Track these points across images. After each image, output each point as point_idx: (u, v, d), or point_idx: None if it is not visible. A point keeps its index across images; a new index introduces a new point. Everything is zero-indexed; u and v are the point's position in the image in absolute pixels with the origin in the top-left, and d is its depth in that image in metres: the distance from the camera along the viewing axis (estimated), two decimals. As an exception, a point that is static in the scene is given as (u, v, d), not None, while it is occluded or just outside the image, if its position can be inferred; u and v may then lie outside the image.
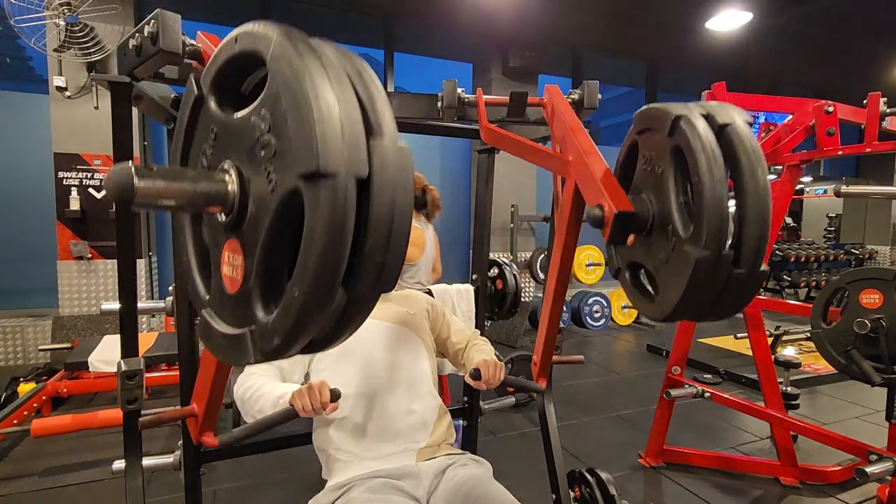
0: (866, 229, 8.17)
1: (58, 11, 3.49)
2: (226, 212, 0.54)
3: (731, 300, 0.79)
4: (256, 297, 0.52)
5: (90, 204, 4.08)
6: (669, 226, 0.83)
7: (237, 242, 0.54)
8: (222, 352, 0.56)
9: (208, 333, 0.59)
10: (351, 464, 1.25)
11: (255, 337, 0.51)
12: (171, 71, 1.14)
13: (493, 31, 5.37)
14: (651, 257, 0.89)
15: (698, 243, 0.74)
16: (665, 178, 0.84)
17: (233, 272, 0.55)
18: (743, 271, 0.75)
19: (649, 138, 0.91)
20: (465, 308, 1.85)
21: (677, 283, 0.78)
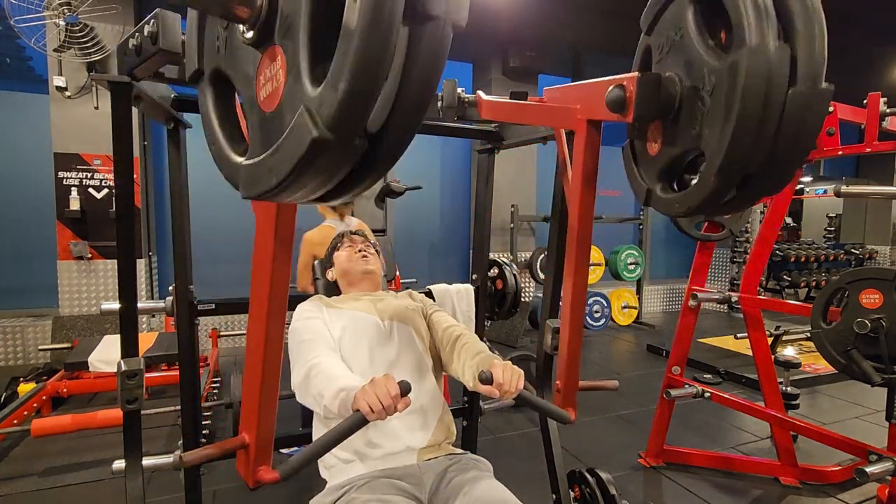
0: (866, 229, 8.17)
1: (58, 11, 3.49)
2: (253, 18, 0.53)
3: (791, 132, 0.67)
4: (305, 76, 0.48)
5: (90, 204, 4.08)
6: (700, 88, 0.74)
7: (273, 49, 0.53)
8: (278, 165, 0.51)
9: (254, 171, 0.55)
10: (352, 464, 1.24)
11: (312, 111, 0.46)
12: (171, 71, 1.14)
13: (493, 31, 5.36)
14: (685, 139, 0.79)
15: (742, 41, 0.65)
16: (687, 31, 0.78)
17: (273, 84, 0.53)
18: (802, 90, 0.65)
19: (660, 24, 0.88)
20: (465, 308, 1.84)
21: (730, 108, 0.67)
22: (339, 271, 1.57)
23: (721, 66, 0.71)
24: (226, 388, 3.50)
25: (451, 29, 0.49)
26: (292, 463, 0.92)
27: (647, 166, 0.94)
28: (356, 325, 1.35)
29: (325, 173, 0.51)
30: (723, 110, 0.69)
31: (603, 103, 0.85)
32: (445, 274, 5.93)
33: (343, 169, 0.51)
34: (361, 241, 1.60)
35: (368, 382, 0.97)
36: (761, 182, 0.73)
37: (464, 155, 5.94)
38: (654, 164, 0.91)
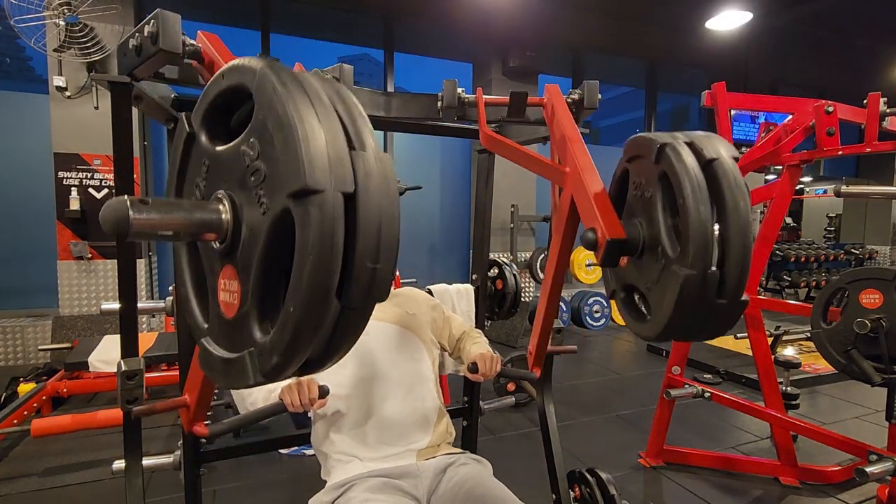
0: (866, 229, 8.17)
1: (58, 11, 3.49)
2: (220, 239, 0.56)
3: (715, 324, 0.84)
4: (253, 319, 0.53)
5: (90, 204, 4.08)
6: (659, 247, 0.87)
7: (232, 269, 0.56)
8: (223, 377, 0.58)
9: (208, 361, 0.60)
10: (351, 464, 1.24)
11: (254, 358, 0.52)
12: (171, 71, 1.14)
13: (493, 31, 5.37)
14: (643, 278, 0.93)
15: (685, 263, 0.79)
16: (654, 202, 0.89)
17: (229, 297, 0.57)
18: (725, 301, 0.79)
19: (638, 165, 0.95)
20: (465, 308, 1.85)
21: (667, 301, 0.82)
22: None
23: (669, 271, 0.83)
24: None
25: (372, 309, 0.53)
26: (220, 426, 1.16)
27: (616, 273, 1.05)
28: None
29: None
30: (664, 296, 0.83)
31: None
32: (445, 274, 5.93)
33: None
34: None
35: (295, 381, 1.14)
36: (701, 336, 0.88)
37: (464, 155, 5.94)
38: (621, 276, 1.03)
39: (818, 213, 8.95)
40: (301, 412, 1.15)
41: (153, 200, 0.50)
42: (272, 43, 4.99)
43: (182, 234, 0.54)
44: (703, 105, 2.43)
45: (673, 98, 11.23)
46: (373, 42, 5.60)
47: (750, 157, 2.43)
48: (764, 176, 6.57)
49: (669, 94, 7.54)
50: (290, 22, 5.21)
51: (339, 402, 1.29)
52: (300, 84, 0.50)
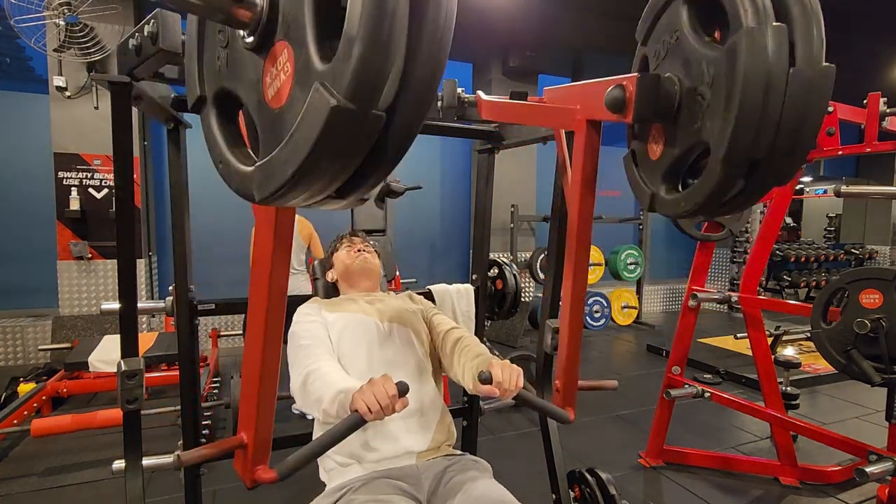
0: (866, 229, 8.17)
1: (58, 11, 3.49)
2: (254, 22, 0.54)
3: (796, 110, 0.67)
4: (313, 58, 0.49)
5: (90, 204, 4.08)
6: (700, 87, 0.74)
7: (275, 47, 0.53)
8: (295, 149, 0.50)
9: (270, 172, 0.54)
10: (351, 466, 1.24)
11: (327, 84, 0.46)
12: (171, 71, 1.14)
13: (492, 31, 5.36)
14: (687, 139, 0.80)
15: (738, 24, 0.66)
16: (683, 39, 0.79)
17: (280, 79, 0.54)
18: (802, 70, 0.65)
19: (657, 31, 0.88)
20: (465, 308, 1.84)
21: (731, 95, 0.67)
22: (339, 271, 1.57)
23: (719, 54, 0.71)
24: (226, 388, 3.50)
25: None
26: (290, 462, 0.92)
27: (650, 171, 0.93)
28: (355, 327, 1.35)
29: (344, 155, 0.50)
30: (724, 97, 0.69)
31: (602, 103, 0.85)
32: (445, 274, 5.93)
33: (362, 148, 0.50)
34: (361, 242, 1.60)
35: (367, 383, 0.97)
36: (768, 170, 0.71)
37: (464, 155, 5.94)
38: (657, 168, 0.90)
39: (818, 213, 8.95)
40: (382, 418, 0.95)
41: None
42: (272, 43, 4.98)
43: (214, 8, 0.52)
44: (703, 105, 2.43)
45: (673, 98, 11.21)
46: (373, 42, 5.59)
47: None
48: (764, 176, 6.56)
49: (669, 94, 7.53)
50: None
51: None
52: None
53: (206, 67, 0.68)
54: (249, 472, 0.98)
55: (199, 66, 0.69)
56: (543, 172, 5.86)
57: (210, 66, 0.68)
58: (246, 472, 0.98)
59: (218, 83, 0.67)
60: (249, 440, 0.98)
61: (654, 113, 0.80)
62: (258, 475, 0.97)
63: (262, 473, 0.97)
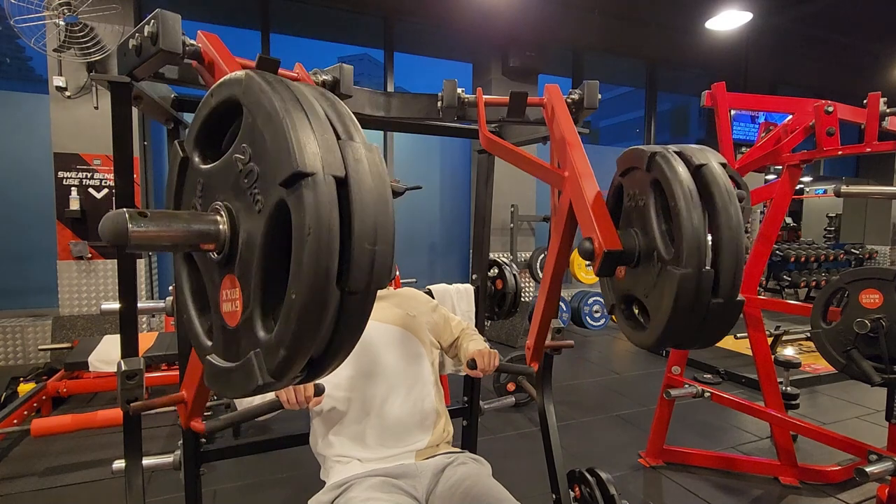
0: (866, 229, 8.17)
1: (58, 11, 3.48)
2: (218, 249, 0.57)
3: (712, 327, 0.87)
4: (257, 320, 0.53)
5: (90, 204, 4.08)
6: (655, 253, 0.91)
7: (233, 277, 0.57)
8: (231, 386, 0.58)
9: (214, 375, 0.61)
10: (350, 465, 1.24)
11: (261, 357, 0.52)
12: (171, 71, 1.14)
13: (492, 31, 5.37)
14: (640, 286, 0.96)
15: (679, 263, 0.82)
16: (647, 209, 0.93)
17: (232, 306, 0.57)
18: (721, 300, 0.82)
19: (632, 177, 0.99)
20: (465, 308, 1.85)
21: (665, 304, 0.85)
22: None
23: (665, 273, 0.86)
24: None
25: (374, 295, 0.54)
26: (216, 422, 1.18)
27: (615, 284, 1.08)
28: None
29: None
30: (662, 298, 0.86)
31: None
32: (445, 274, 5.93)
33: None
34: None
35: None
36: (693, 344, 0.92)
37: (464, 155, 5.94)
38: (619, 288, 1.06)
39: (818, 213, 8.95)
40: (297, 409, 1.15)
41: (151, 213, 0.50)
42: (272, 43, 4.99)
43: (181, 246, 0.55)
44: (703, 105, 2.43)
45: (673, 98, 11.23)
46: (373, 42, 5.60)
47: (750, 157, 2.43)
48: (764, 176, 6.57)
49: (669, 94, 7.54)
50: (290, 22, 5.20)
51: (338, 403, 1.29)
52: (286, 85, 0.52)
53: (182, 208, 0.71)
54: (186, 422, 1.22)
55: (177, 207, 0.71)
56: (543, 172, 5.85)
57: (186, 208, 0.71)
58: (184, 421, 1.23)
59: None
60: (190, 397, 1.18)
61: (614, 269, 0.96)
62: (192, 425, 1.21)
63: (196, 424, 1.20)
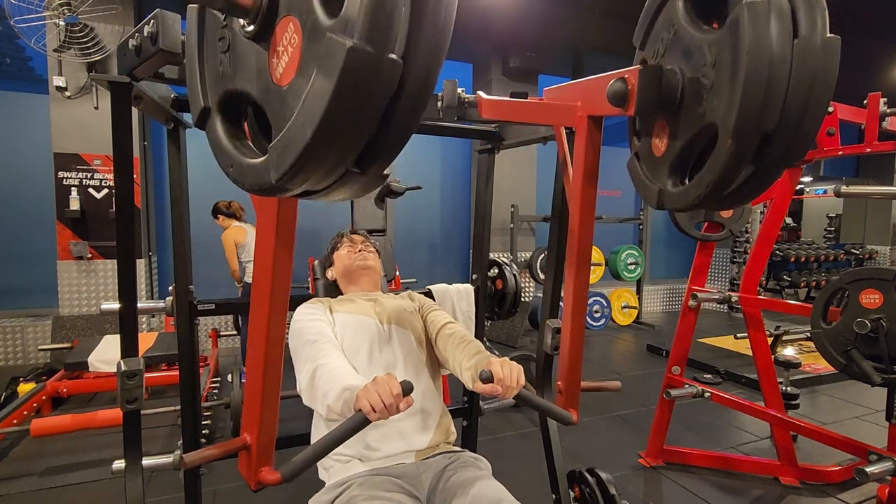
0: (866, 229, 8.17)
1: (58, 11, 3.48)
2: (255, 6, 0.55)
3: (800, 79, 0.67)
4: (321, 15, 0.49)
5: (90, 204, 4.08)
6: (700, 81, 0.74)
7: (280, 25, 0.54)
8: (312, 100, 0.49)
9: (287, 144, 0.53)
10: (350, 464, 1.24)
11: (339, 33, 0.47)
12: (171, 71, 1.14)
13: (493, 31, 5.36)
14: (690, 124, 0.78)
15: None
16: (681, 30, 0.79)
17: (289, 52, 0.54)
18: (807, 38, 0.65)
19: (654, 36, 0.88)
20: (465, 308, 1.84)
21: (734, 78, 0.67)
22: (339, 270, 1.57)
23: (720, 35, 0.71)
24: (225, 387, 3.50)
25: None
26: (294, 464, 0.91)
27: (655, 168, 0.92)
28: (355, 327, 1.35)
29: (363, 107, 0.48)
30: (728, 72, 0.68)
31: (604, 98, 0.84)
32: (445, 274, 5.93)
33: (381, 98, 0.49)
34: (361, 241, 1.60)
35: (371, 381, 0.97)
36: (779, 145, 0.70)
37: (464, 155, 5.94)
38: (663, 163, 0.88)
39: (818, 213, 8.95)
40: (387, 417, 0.94)
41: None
42: (272, 43, 4.98)
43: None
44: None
45: (673, 98, 11.21)
46: (373, 42, 5.59)
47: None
48: (764, 176, 6.56)
49: (669, 94, 7.53)
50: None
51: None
52: None
53: (208, 78, 0.69)
54: (254, 474, 0.97)
55: (202, 78, 0.70)
56: (543, 172, 5.86)
57: (212, 76, 0.68)
58: (250, 474, 0.98)
59: (222, 88, 0.67)
60: (253, 441, 0.97)
61: (657, 104, 0.80)
62: (262, 477, 0.96)
63: (267, 475, 0.96)
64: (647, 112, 0.82)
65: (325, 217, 4.80)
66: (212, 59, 0.68)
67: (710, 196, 0.77)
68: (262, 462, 0.98)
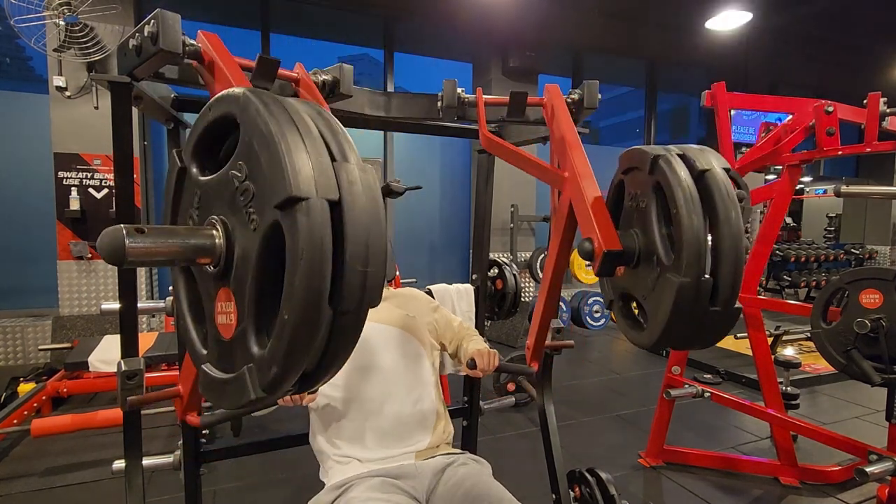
0: (866, 229, 8.17)
1: (58, 11, 3.48)
2: (214, 263, 0.58)
3: (709, 332, 0.87)
4: (251, 335, 0.55)
5: (90, 204, 4.08)
6: (654, 256, 0.90)
7: (228, 290, 0.58)
8: (224, 398, 0.59)
9: (209, 385, 0.61)
10: (350, 465, 1.24)
11: (253, 372, 0.53)
12: (171, 71, 1.13)
13: (492, 31, 5.36)
14: (639, 287, 0.96)
15: (679, 270, 0.82)
16: (649, 212, 0.92)
17: (226, 319, 0.58)
18: (718, 308, 0.81)
19: (633, 177, 0.99)
20: (465, 308, 1.85)
21: (663, 309, 0.85)
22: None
23: (664, 279, 0.86)
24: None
25: (366, 313, 0.55)
26: (212, 416, 1.21)
27: (614, 282, 1.08)
28: None
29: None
30: (660, 303, 0.86)
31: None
32: (445, 274, 5.93)
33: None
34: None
35: None
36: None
37: (464, 155, 5.94)
38: (617, 285, 1.05)
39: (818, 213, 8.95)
40: (291, 405, 1.15)
41: (148, 228, 0.52)
42: (272, 43, 4.99)
43: (178, 260, 0.56)
44: (704, 105, 2.43)
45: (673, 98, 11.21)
46: (373, 42, 5.60)
47: (750, 157, 2.43)
48: (764, 176, 6.57)
49: (669, 94, 7.53)
50: (290, 22, 5.20)
51: (336, 403, 1.29)
52: (282, 105, 0.53)
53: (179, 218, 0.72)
54: (182, 415, 1.24)
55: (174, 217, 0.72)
56: (543, 172, 5.85)
57: (183, 220, 0.71)
58: (180, 414, 1.25)
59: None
60: (186, 391, 1.19)
61: (614, 269, 0.96)
62: (188, 419, 1.23)
63: (191, 418, 1.22)
64: (608, 275, 1.00)
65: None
66: (185, 212, 0.70)
67: (659, 347, 0.94)
68: (190, 408, 1.22)
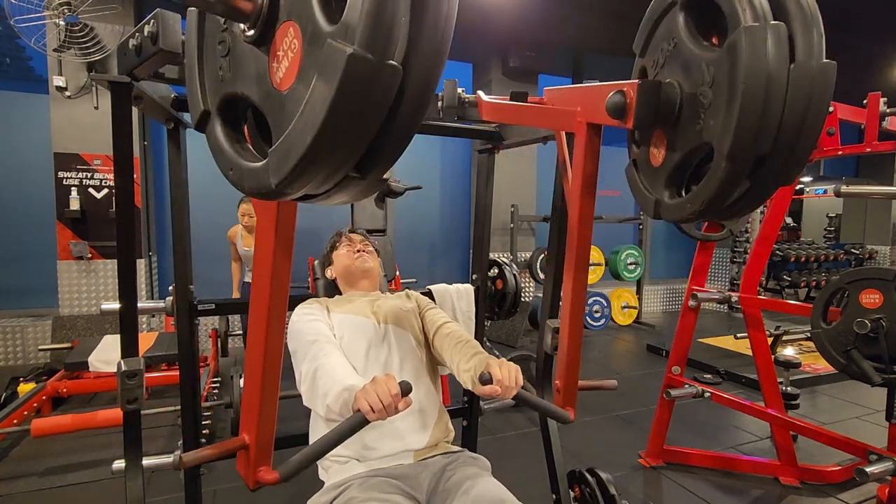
0: (866, 229, 8.17)
1: (58, 11, 3.48)
2: (255, 10, 0.55)
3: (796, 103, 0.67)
4: (322, 21, 0.50)
5: (90, 204, 4.08)
6: (701, 76, 0.74)
7: (280, 31, 0.54)
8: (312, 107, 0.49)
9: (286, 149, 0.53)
10: (349, 465, 1.24)
11: (339, 39, 0.47)
12: (171, 71, 1.13)
13: (493, 31, 5.36)
14: (687, 139, 0.79)
15: (735, 23, 0.67)
16: (681, 44, 0.80)
17: (289, 57, 0.54)
18: (803, 63, 0.66)
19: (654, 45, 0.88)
20: (465, 308, 1.84)
21: (730, 101, 0.69)
22: (338, 270, 1.57)
23: (719, 54, 0.72)
24: (226, 387, 3.50)
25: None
26: (292, 464, 0.91)
27: (653, 178, 0.92)
28: (353, 328, 1.35)
29: (364, 113, 0.49)
30: (725, 95, 0.70)
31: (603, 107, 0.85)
32: (445, 274, 5.93)
33: (381, 105, 0.50)
34: (360, 241, 1.60)
35: (370, 381, 0.97)
36: (773, 168, 0.72)
37: (464, 155, 5.94)
38: (660, 174, 0.89)
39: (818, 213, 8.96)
40: (385, 418, 0.94)
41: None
42: (272, 43, 4.98)
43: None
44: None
45: (673, 98, 11.22)
46: (373, 42, 5.59)
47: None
48: (764, 176, 6.56)
49: (669, 94, 7.53)
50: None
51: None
52: None
53: (207, 81, 0.69)
54: (252, 474, 0.98)
55: (202, 81, 0.70)
56: (543, 172, 5.86)
57: (212, 79, 0.69)
58: (248, 474, 0.98)
59: (222, 91, 0.67)
60: (252, 441, 0.97)
61: (654, 118, 0.81)
62: (261, 476, 0.97)
63: (265, 475, 0.97)
64: (645, 127, 0.83)
65: (325, 217, 4.79)
66: (212, 63, 0.68)
67: (704, 212, 0.79)
68: (260, 462, 0.98)
